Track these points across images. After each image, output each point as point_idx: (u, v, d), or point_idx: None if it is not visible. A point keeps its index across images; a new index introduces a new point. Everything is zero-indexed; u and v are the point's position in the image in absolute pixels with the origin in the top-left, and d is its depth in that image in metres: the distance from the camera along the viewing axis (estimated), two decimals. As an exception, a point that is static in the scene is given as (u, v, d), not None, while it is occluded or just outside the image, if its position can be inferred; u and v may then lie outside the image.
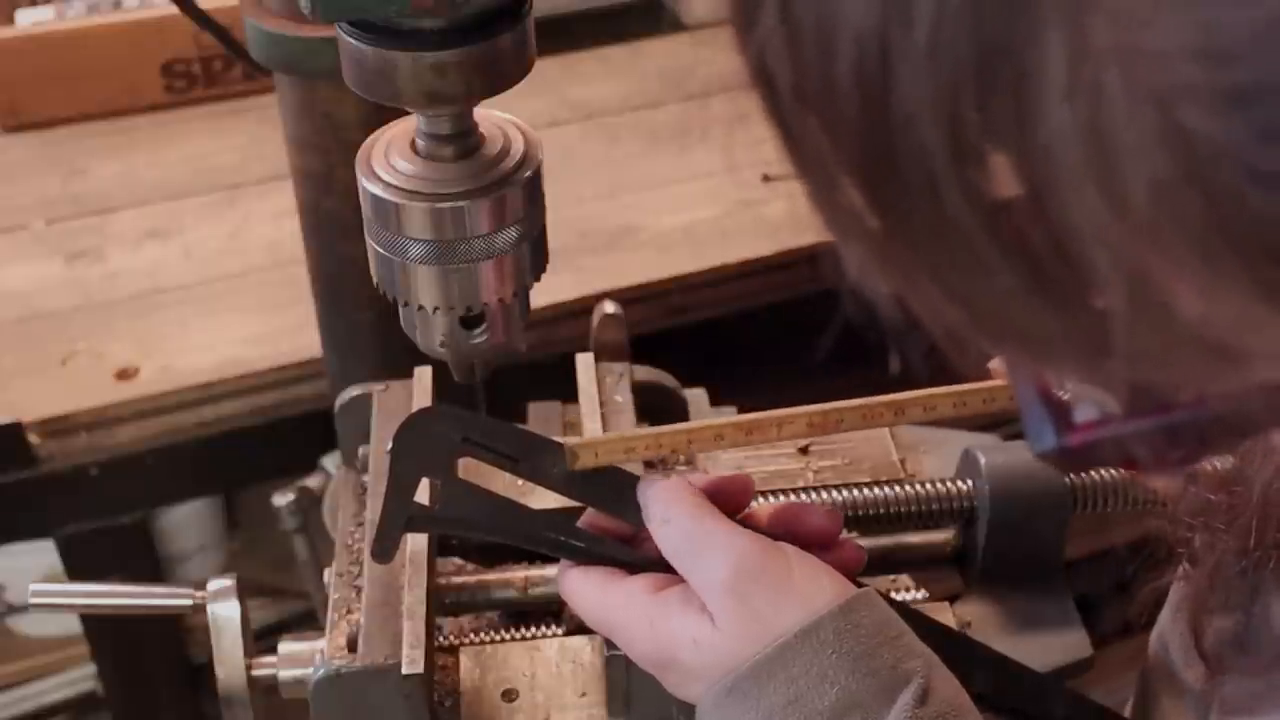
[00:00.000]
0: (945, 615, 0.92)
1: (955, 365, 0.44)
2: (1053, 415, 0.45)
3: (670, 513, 0.71)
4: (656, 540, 0.72)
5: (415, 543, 0.86)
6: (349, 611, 0.89)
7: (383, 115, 0.73)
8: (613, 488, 0.74)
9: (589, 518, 0.76)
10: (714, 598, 0.68)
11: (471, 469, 0.75)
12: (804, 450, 1.01)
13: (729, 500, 0.75)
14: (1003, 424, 1.85)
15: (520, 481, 0.84)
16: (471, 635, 0.92)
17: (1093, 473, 0.94)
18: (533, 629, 0.92)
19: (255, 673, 0.86)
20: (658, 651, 0.71)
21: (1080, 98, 0.34)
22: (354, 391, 1.01)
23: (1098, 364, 0.39)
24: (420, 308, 0.74)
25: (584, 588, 0.74)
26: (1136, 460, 0.45)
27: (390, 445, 0.74)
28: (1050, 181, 0.35)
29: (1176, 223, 0.34)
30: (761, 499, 0.90)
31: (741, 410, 1.11)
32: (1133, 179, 0.34)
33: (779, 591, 0.68)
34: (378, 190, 0.71)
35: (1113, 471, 0.95)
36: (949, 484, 0.94)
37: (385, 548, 0.75)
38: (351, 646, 0.84)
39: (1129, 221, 0.35)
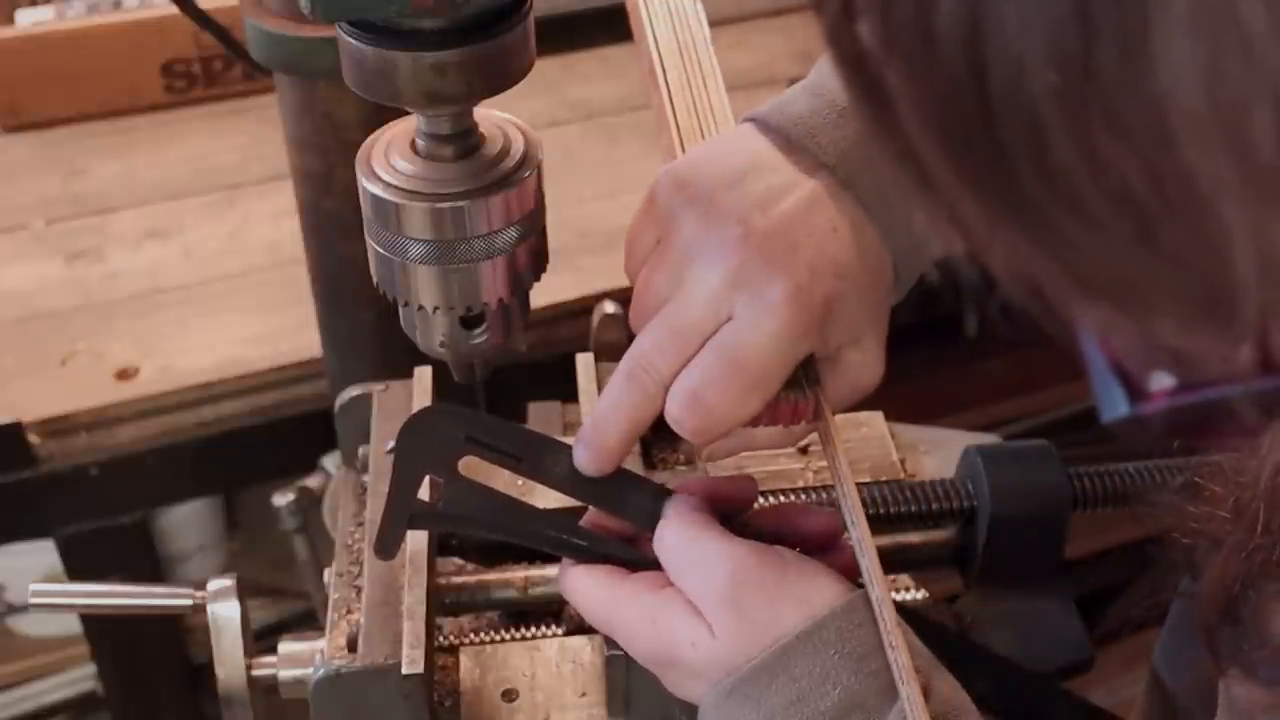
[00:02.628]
0: (945, 615, 0.92)
1: (1039, 324, 0.42)
2: (1125, 382, 0.44)
3: (664, 530, 0.72)
4: (659, 556, 0.72)
5: (415, 543, 0.86)
6: (349, 611, 0.89)
7: (383, 115, 0.73)
8: (614, 487, 0.74)
9: (591, 517, 0.76)
10: (711, 608, 0.69)
11: (473, 467, 0.75)
12: (804, 450, 1.01)
13: (732, 502, 0.75)
14: (1003, 424, 1.85)
15: (521, 481, 0.84)
16: (471, 635, 0.92)
17: (1092, 472, 0.94)
18: (533, 629, 0.92)
19: (255, 673, 0.86)
20: (659, 650, 0.71)
21: (1205, 30, 0.31)
22: (354, 391, 1.01)
23: (1210, 319, 0.37)
24: (420, 308, 0.74)
25: (586, 586, 0.74)
26: (1210, 429, 0.44)
27: (393, 443, 0.74)
28: (1167, 127, 0.33)
29: None
30: (761, 499, 0.90)
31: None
32: (1261, 125, 0.32)
33: (775, 597, 0.68)
34: (378, 190, 0.71)
35: (1112, 470, 0.95)
36: (949, 484, 0.94)
37: (388, 545, 0.75)
38: (351, 646, 0.84)
39: (1255, 174, 0.33)
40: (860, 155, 0.73)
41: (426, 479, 0.74)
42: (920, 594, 0.93)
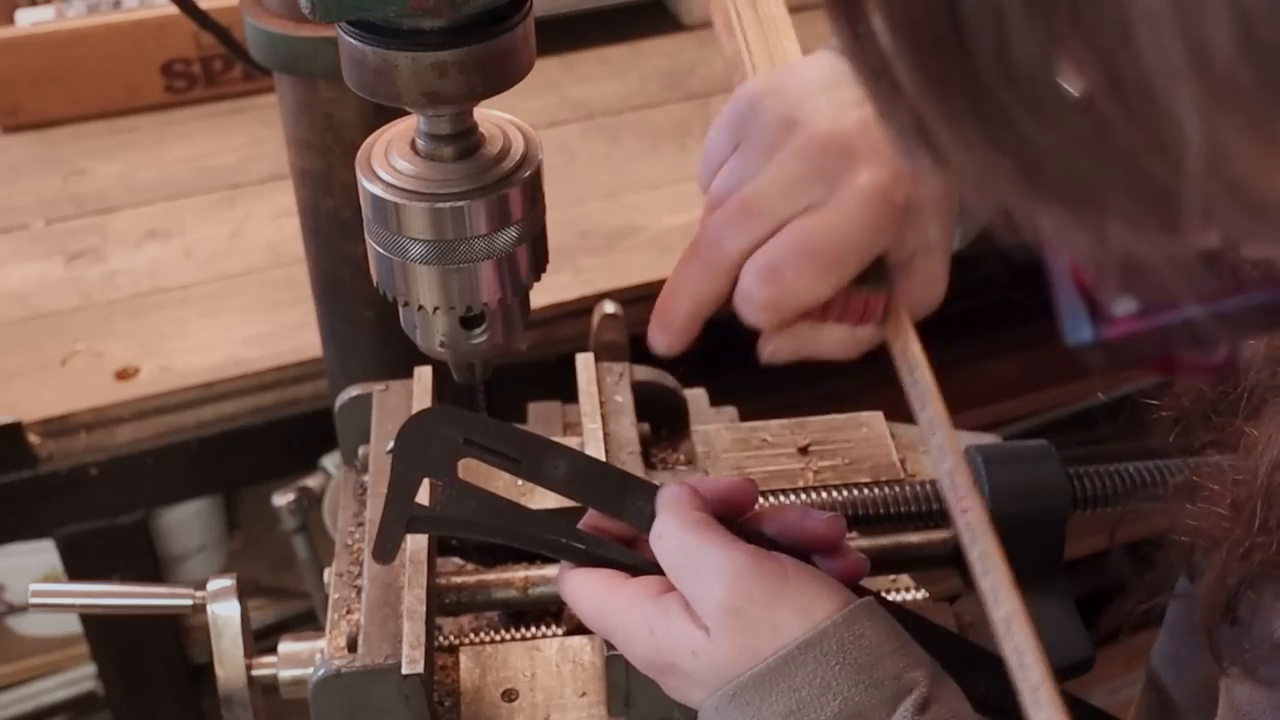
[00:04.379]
0: (945, 615, 0.92)
1: (1003, 240, 0.42)
2: (1090, 308, 0.44)
3: (664, 527, 0.71)
4: (655, 553, 0.72)
5: (415, 543, 0.86)
6: (349, 611, 0.89)
7: (383, 115, 0.73)
8: (613, 490, 0.74)
9: (590, 519, 0.76)
10: (711, 615, 0.68)
11: (472, 469, 0.75)
12: (804, 450, 1.01)
13: (732, 506, 0.75)
14: (1003, 424, 1.85)
15: (520, 482, 0.84)
16: (471, 635, 0.92)
17: (1092, 472, 0.94)
18: (533, 629, 0.92)
19: (255, 673, 0.86)
20: (657, 656, 0.71)
21: None
22: (354, 391, 1.01)
23: (1158, 221, 0.38)
24: (420, 308, 0.74)
25: (584, 590, 0.74)
26: (1174, 357, 0.44)
27: (392, 445, 0.74)
28: (1126, 25, 0.33)
29: (1262, 79, 0.32)
30: (761, 499, 0.90)
31: (741, 410, 1.12)
32: (1216, 24, 0.32)
33: (775, 605, 0.68)
34: (378, 190, 0.71)
35: (1112, 470, 0.95)
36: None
37: (386, 548, 0.75)
38: (351, 646, 0.84)
39: (1209, 74, 0.33)
40: None
41: (425, 481, 0.74)
42: (920, 594, 0.93)
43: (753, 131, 0.71)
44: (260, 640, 0.91)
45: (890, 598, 0.75)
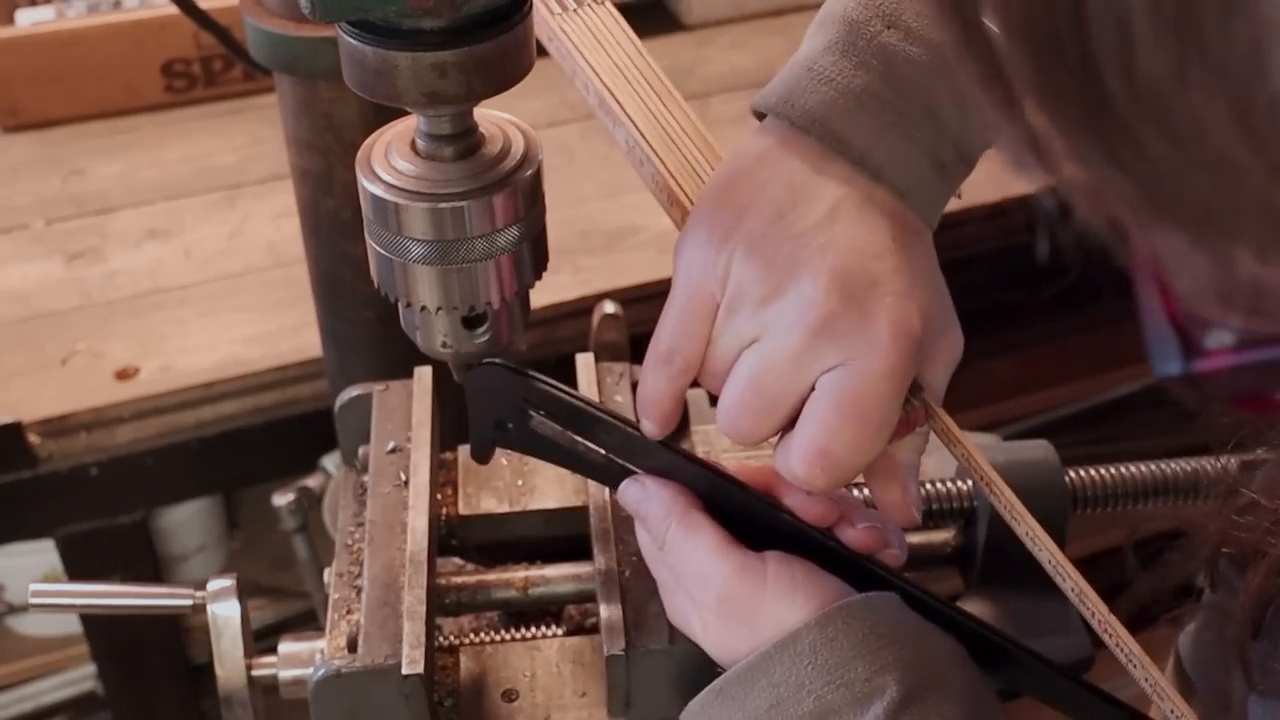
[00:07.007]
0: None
1: (1114, 257, 0.40)
2: (1181, 339, 0.42)
3: (668, 533, 0.75)
4: (661, 555, 0.76)
5: (415, 542, 0.86)
6: (349, 611, 0.88)
7: (383, 115, 0.73)
8: (664, 467, 0.77)
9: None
10: (704, 615, 0.74)
11: (473, 471, 0.76)
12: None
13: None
14: (1003, 424, 1.85)
15: (520, 481, 0.84)
16: (471, 635, 0.92)
17: (1092, 472, 0.94)
18: (533, 629, 0.92)
19: (255, 673, 0.86)
20: (673, 617, 0.77)
21: None
22: (354, 391, 1.01)
23: None
24: (421, 308, 0.74)
25: (642, 537, 0.78)
26: (1269, 398, 0.42)
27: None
28: (1262, 55, 0.32)
29: None
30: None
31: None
32: None
33: (752, 614, 0.72)
34: (378, 190, 0.71)
35: (1112, 470, 0.95)
36: (949, 484, 0.94)
37: (481, 456, 0.80)
38: (351, 646, 0.84)
39: None
40: (884, 142, 0.71)
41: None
42: (920, 594, 0.93)
43: (734, 294, 0.70)
44: (260, 640, 0.91)
45: (913, 589, 0.76)
